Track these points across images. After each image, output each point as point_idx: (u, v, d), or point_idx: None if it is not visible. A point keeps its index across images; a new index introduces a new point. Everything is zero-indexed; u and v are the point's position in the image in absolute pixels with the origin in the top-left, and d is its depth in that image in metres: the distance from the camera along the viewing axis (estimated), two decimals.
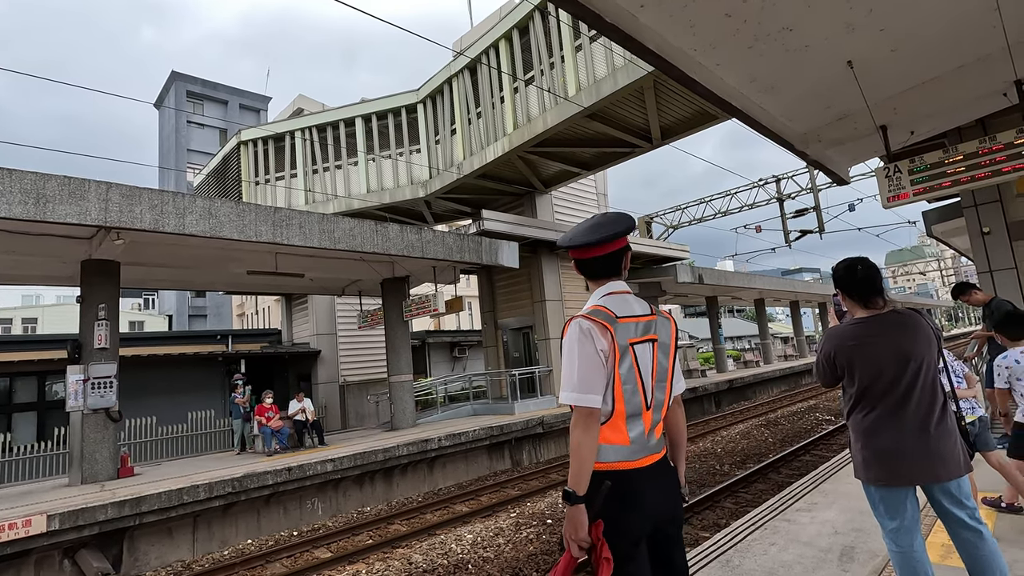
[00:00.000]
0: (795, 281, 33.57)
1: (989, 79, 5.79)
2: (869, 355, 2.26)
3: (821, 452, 10.82)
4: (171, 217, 8.29)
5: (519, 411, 13.82)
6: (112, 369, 9.38)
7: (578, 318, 1.73)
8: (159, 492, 7.53)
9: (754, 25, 4.69)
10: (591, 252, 1.86)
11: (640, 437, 1.72)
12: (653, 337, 1.80)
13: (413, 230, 11.70)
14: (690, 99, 11.89)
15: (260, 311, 31.72)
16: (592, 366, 1.66)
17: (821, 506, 4.10)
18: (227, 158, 18.76)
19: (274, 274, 11.97)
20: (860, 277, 2.36)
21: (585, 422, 1.64)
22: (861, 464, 2.30)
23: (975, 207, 9.19)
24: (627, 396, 1.69)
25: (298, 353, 18.75)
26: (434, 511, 9.17)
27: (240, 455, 11.72)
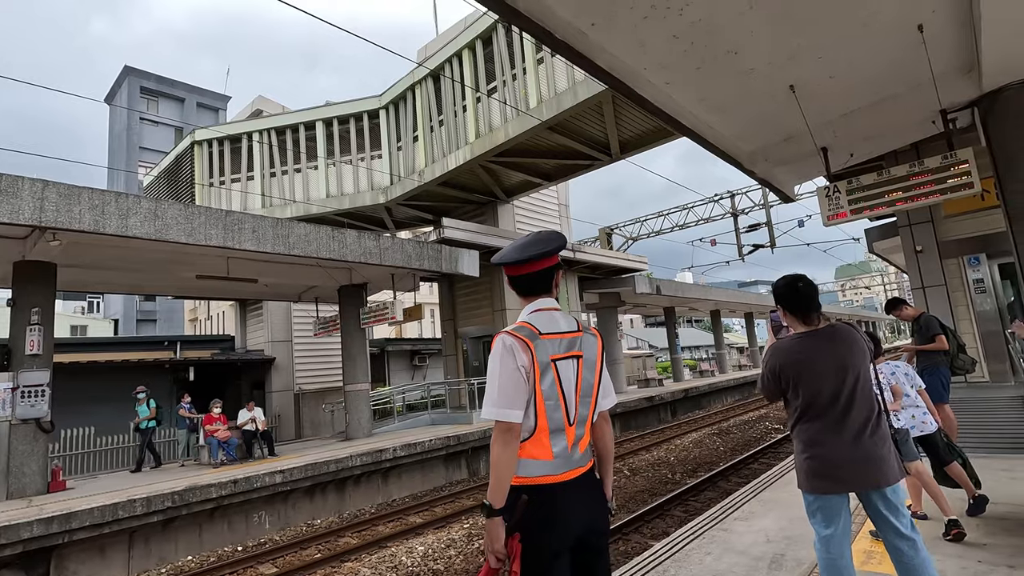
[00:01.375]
0: (749, 293, 34.66)
1: (919, 107, 6.15)
2: (813, 369, 2.35)
3: (768, 460, 11.14)
4: (113, 218, 7.95)
5: (478, 420, 13.75)
6: (44, 377, 8.88)
7: (502, 334, 1.76)
8: (91, 507, 7.15)
9: (701, 47, 4.85)
10: (522, 269, 1.89)
11: (563, 452, 1.74)
12: (578, 353, 1.82)
13: (371, 236, 11.56)
14: (647, 115, 12.17)
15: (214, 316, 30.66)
16: (512, 381, 1.68)
17: (758, 515, 4.23)
18: (180, 158, 18.14)
19: (226, 279, 11.62)
20: (802, 294, 2.45)
21: (504, 437, 1.66)
22: (804, 473, 2.39)
23: (909, 227, 9.72)
24: (549, 412, 1.71)
25: (251, 360, 18.18)
26: (386, 523, 9.01)
27: (184, 467, 11.25)
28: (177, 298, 19.32)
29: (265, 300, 17.82)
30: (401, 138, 15.70)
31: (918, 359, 5.73)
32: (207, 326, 32.05)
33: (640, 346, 48.94)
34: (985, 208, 8.23)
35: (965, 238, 9.08)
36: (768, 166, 7.63)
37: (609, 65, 4.61)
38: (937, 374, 5.53)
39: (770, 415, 18.05)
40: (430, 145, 14.80)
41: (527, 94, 12.02)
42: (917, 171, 6.06)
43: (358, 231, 11.37)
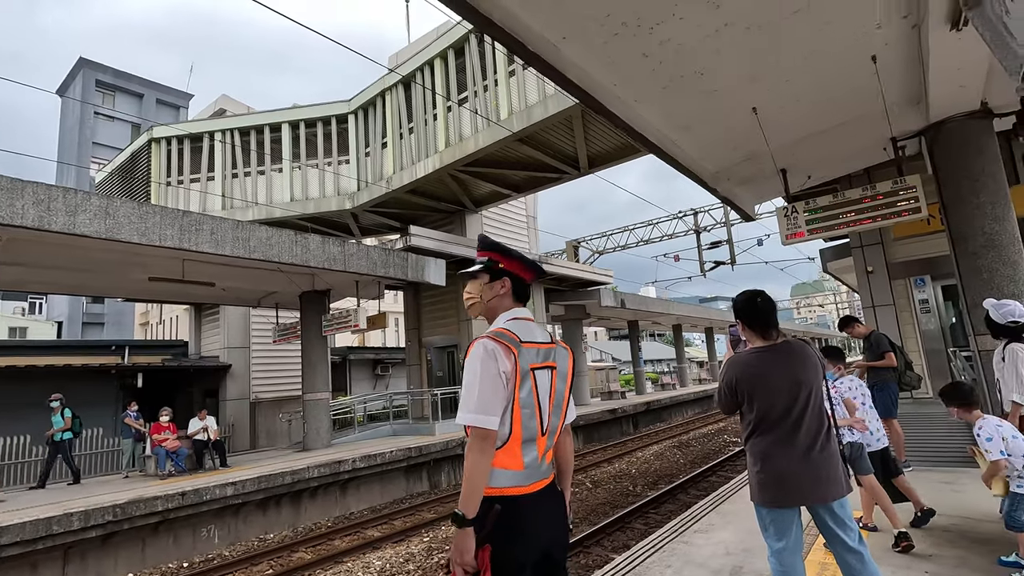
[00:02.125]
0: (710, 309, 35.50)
1: (872, 134, 6.45)
2: (768, 383, 2.39)
3: (726, 473, 11.34)
4: (60, 215, 7.55)
5: (440, 432, 13.58)
6: None
7: (483, 338, 1.73)
8: (22, 522, 6.70)
9: (669, 66, 4.97)
10: (523, 273, 1.96)
11: (533, 462, 1.72)
12: (552, 364, 1.83)
13: (336, 242, 11.34)
14: (616, 131, 12.40)
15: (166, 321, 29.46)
16: (494, 387, 1.65)
17: (718, 527, 4.28)
18: (136, 155, 17.46)
19: (181, 282, 11.17)
20: (760, 309, 2.50)
21: (481, 444, 1.62)
22: (756, 486, 2.42)
23: (861, 248, 10.13)
24: (524, 420, 1.70)
25: (205, 367, 17.51)
26: (343, 537, 8.75)
27: (128, 478, 10.70)
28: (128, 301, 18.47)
29: (222, 305, 17.23)
30: (370, 144, 15.53)
31: (869, 375, 5.94)
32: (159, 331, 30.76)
33: (604, 359, 49.43)
34: (931, 232, 8.65)
35: (912, 260, 9.52)
36: (730, 185, 7.85)
37: (579, 79, 4.67)
38: (887, 390, 5.75)
39: (728, 428, 18.43)
40: (399, 152, 14.68)
41: (498, 105, 12.08)
42: (869, 194, 6.34)
43: (322, 236, 11.13)
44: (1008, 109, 5.70)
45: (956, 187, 5.85)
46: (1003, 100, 5.68)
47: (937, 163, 6.04)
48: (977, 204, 5.65)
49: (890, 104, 5.77)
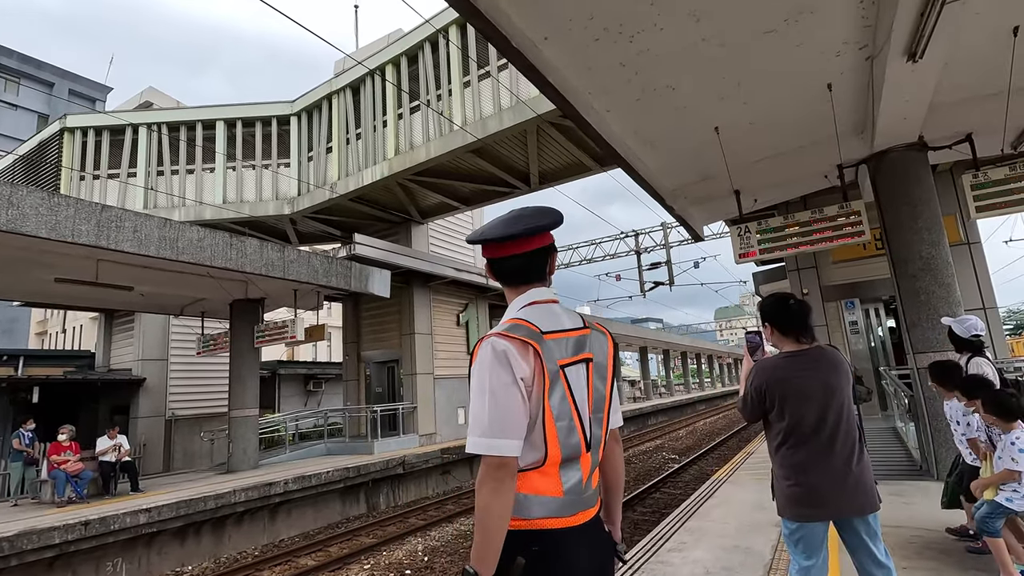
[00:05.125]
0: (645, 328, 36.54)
1: (820, 160, 6.78)
2: (800, 390, 2.27)
3: (669, 490, 11.45)
4: None
5: (379, 450, 12.92)
6: None
7: (491, 336, 1.31)
8: None
9: (643, 78, 4.97)
10: (507, 249, 1.44)
11: (576, 487, 1.34)
12: (588, 356, 1.41)
13: (274, 247, 10.64)
14: (568, 149, 12.51)
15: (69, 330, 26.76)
16: (509, 401, 1.25)
17: (690, 545, 4.17)
18: (44, 145, 15.81)
19: (94, 285, 10.06)
20: (794, 312, 2.38)
21: (495, 477, 1.22)
22: (787, 500, 2.28)
23: (798, 271, 10.66)
24: (562, 436, 1.31)
25: (115, 380, 15.88)
26: (272, 567, 8.01)
27: (18, 506, 9.37)
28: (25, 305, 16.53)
29: (139, 312, 15.76)
30: (313, 148, 14.86)
31: None
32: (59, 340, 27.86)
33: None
34: (864, 257, 9.22)
35: (843, 284, 10.11)
36: (685, 203, 8.02)
37: (558, 83, 4.57)
38: None
39: (666, 445, 18.80)
40: (344, 157, 14.13)
41: (452, 115, 11.89)
42: (818, 217, 6.63)
43: (260, 241, 10.42)
44: (941, 144, 6.14)
45: (896, 213, 6.21)
46: (937, 135, 6.12)
47: (879, 190, 6.40)
48: (915, 230, 6.02)
49: (840, 132, 6.08)
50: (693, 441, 19.95)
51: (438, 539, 8.81)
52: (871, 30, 4.59)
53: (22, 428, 10.29)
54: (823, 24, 4.48)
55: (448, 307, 16.35)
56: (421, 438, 14.33)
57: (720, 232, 18.86)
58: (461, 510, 10.54)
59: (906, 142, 6.15)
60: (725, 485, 6.65)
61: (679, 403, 33.68)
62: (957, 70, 5.27)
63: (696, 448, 17.61)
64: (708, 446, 17.04)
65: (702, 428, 24.57)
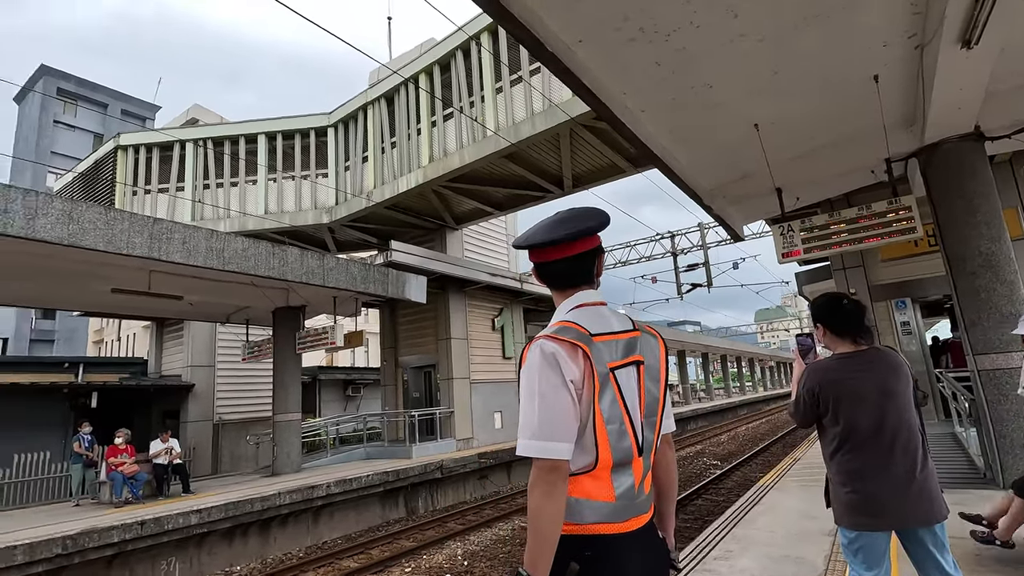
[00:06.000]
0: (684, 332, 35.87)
1: (866, 155, 6.52)
2: (856, 392, 2.19)
3: (712, 496, 11.18)
4: (18, 217, 6.98)
5: (417, 455, 13.06)
6: None
7: (540, 339, 1.31)
8: None
9: (679, 77, 4.90)
10: (553, 253, 1.44)
11: (629, 492, 1.33)
12: (638, 358, 1.40)
13: (314, 256, 10.92)
14: (601, 151, 12.42)
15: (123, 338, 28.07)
16: (559, 403, 1.25)
17: (736, 553, 4.05)
18: (100, 163, 16.68)
19: (146, 295, 10.53)
20: (848, 312, 2.30)
21: (548, 480, 1.22)
22: (845, 508, 2.19)
23: (844, 271, 10.27)
24: (613, 440, 1.30)
25: (166, 386, 16.56)
26: (317, 568, 8.17)
27: (79, 506, 9.86)
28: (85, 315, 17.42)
29: (188, 320, 16.41)
30: (350, 158, 15.20)
31: None
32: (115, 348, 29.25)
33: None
34: (916, 254, 8.82)
35: (893, 283, 9.69)
36: (724, 203, 7.85)
37: (593, 85, 4.54)
38: None
39: (706, 451, 18.38)
40: (380, 166, 14.40)
41: (484, 121, 11.97)
42: (866, 214, 6.37)
43: (301, 249, 10.71)
44: (999, 133, 5.83)
45: (951, 208, 5.92)
46: (995, 123, 5.81)
47: (932, 184, 6.11)
48: (973, 224, 5.72)
49: (888, 125, 5.84)
50: (735, 447, 19.43)
51: (477, 544, 8.82)
52: (920, 17, 4.40)
53: (80, 431, 10.82)
54: (868, 13, 4.31)
55: (483, 312, 16.43)
56: (458, 442, 14.41)
57: (760, 232, 18.37)
58: (499, 515, 10.53)
59: (960, 133, 5.86)
60: (771, 492, 6.44)
61: (719, 407, 32.89)
62: (1015, 56, 4.99)
63: (738, 454, 17.14)
64: (751, 452, 16.56)
65: (744, 433, 23.91)
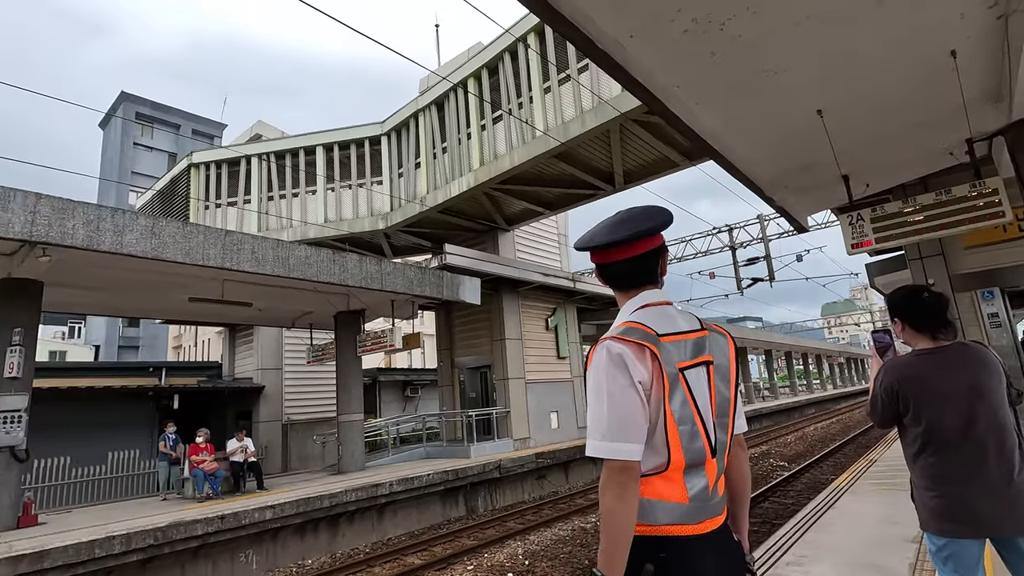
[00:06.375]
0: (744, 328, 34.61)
1: (945, 135, 6.09)
2: (939, 390, 2.06)
3: (779, 499, 10.75)
4: (108, 234, 7.60)
5: (475, 454, 13.24)
6: (23, 402, 8.35)
7: (606, 340, 1.32)
8: (65, 545, 6.58)
9: (735, 66, 4.73)
10: (615, 254, 1.44)
11: (702, 493, 1.31)
12: (708, 359, 1.38)
13: (372, 261, 11.27)
14: (653, 146, 12.19)
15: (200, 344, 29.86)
16: (628, 404, 1.25)
17: (811, 559, 3.88)
18: (176, 180, 17.87)
19: (220, 302, 11.20)
20: (929, 304, 2.17)
21: (619, 481, 1.22)
22: (932, 513, 2.07)
23: (920, 260, 9.60)
24: (685, 441, 1.29)
25: (239, 388, 17.54)
26: (383, 564, 8.44)
27: (166, 501, 10.59)
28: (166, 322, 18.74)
29: (257, 326, 17.32)
30: (403, 164, 15.60)
31: None
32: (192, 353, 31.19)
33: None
34: (1003, 240, 8.15)
35: (978, 271, 8.97)
36: (786, 193, 7.52)
37: (645, 80, 4.46)
38: None
39: (772, 452, 17.66)
40: (432, 171, 14.70)
41: (533, 122, 11.99)
42: (945, 199, 5.96)
43: (359, 255, 11.10)
44: None
45: None
46: None
47: (1021, 164, 5.64)
48: None
49: (968, 102, 5.43)
50: (803, 447, 18.57)
51: (537, 543, 8.85)
52: None
53: (166, 431, 11.62)
54: None
55: (537, 312, 16.46)
56: (515, 442, 14.49)
57: (826, 221, 17.50)
58: (558, 515, 10.52)
59: None
60: (845, 496, 6.13)
61: (785, 407, 31.53)
62: None
63: (807, 455, 16.38)
64: (821, 453, 15.78)
65: (812, 433, 22.81)
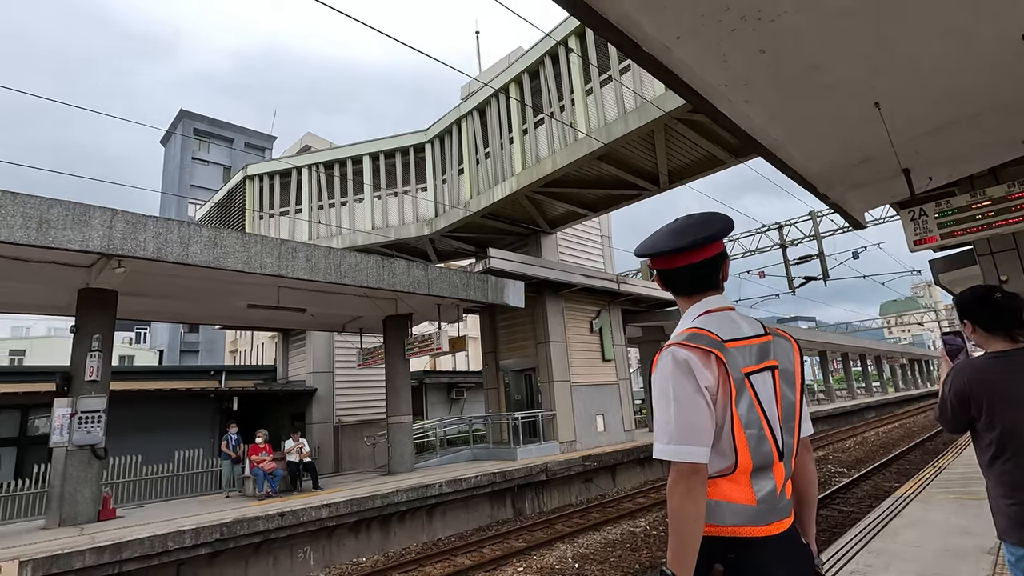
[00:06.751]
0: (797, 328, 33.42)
1: (1016, 124, 5.76)
2: (1014, 394, 1.99)
3: (839, 507, 10.34)
4: (175, 246, 8.08)
5: (521, 457, 13.30)
6: (101, 403, 8.96)
7: (671, 346, 1.34)
8: (142, 538, 7.02)
9: (787, 61, 4.63)
10: (677, 261, 1.47)
11: (770, 496, 1.33)
12: (773, 363, 1.40)
13: (419, 266, 11.52)
14: (699, 144, 11.97)
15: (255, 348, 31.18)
16: (695, 409, 1.28)
17: (877, 569, 3.74)
18: (232, 192, 18.76)
19: (275, 308, 11.70)
20: (1001, 304, 2.09)
21: (687, 483, 1.25)
22: (1011, 522, 1.99)
23: (991, 255, 9.09)
24: (752, 444, 1.31)
25: (293, 391, 18.21)
26: (434, 563, 8.60)
27: (229, 498, 11.12)
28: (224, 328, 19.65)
29: (309, 330, 17.95)
30: (446, 171, 15.87)
31: None
32: (247, 357, 32.59)
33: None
34: None
35: None
36: (842, 189, 7.26)
37: (692, 80, 4.43)
38: None
39: (830, 457, 16.97)
40: (475, 177, 14.89)
41: (575, 123, 11.99)
42: (1018, 191, 5.65)
43: (407, 261, 11.36)
44: None
45: None
46: None
47: None
48: None
49: None
50: (863, 453, 17.76)
51: (586, 547, 8.82)
52: None
53: (228, 432, 12.20)
54: None
55: (581, 314, 16.40)
56: (561, 445, 14.48)
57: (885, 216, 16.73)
58: (607, 519, 10.45)
59: None
60: (913, 504, 5.85)
61: (842, 410, 30.23)
62: None
63: (868, 461, 15.66)
64: (883, 459, 15.06)
65: (873, 438, 21.78)
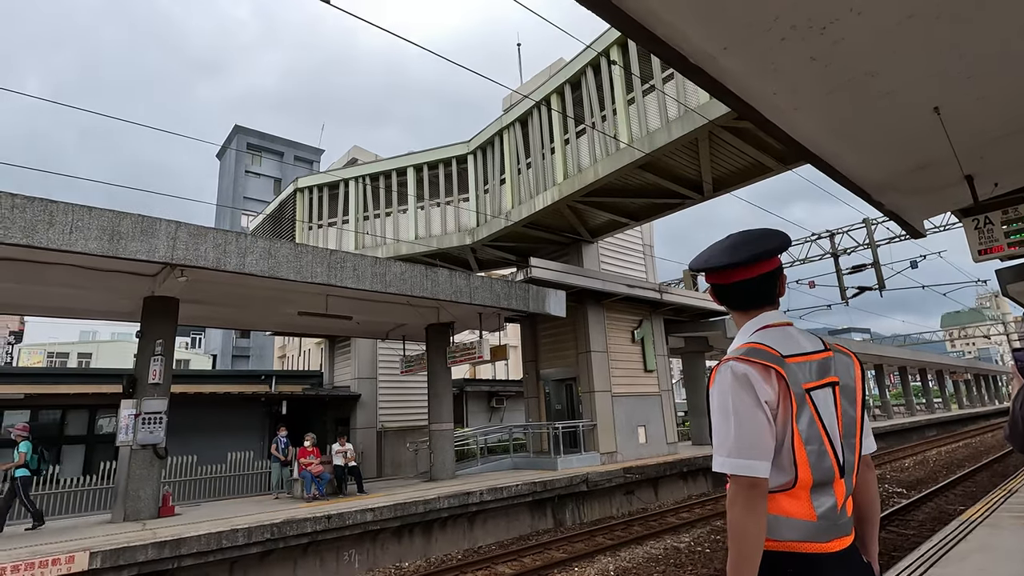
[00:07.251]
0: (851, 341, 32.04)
1: None
2: None
3: (898, 529, 9.84)
4: (233, 256, 8.49)
5: (562, 467, 13.24)
6: (163, 405, 9.45)
7: (730, 361, 1.36)
8: (199, 535, 7.35)
9: (837, 70, 4.53)
10: (732, 276, 1.49)
11: (831, 512, 1.33)
12: (833, 380, 1.40)
13: (462, 275, 11.69)
14: (744, 152, 11.74)
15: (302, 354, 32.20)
16: (754, 423, 1.29)
17: None
18: (283, 204, 19.53)
19: (324, 316, 12.09)
20: None
21: (747, 496, 1.26)
22: None
23: None
24: (813, 460, 1.31)
25: (338, 396, 18.70)
26: (475, 570, 8.65)
27: (278, 500, 11.50)
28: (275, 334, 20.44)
29: (354, 337, 18.42)
30: (488, 181, 16.07)
31: None
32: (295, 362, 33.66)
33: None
34: None
35: None
36: (898, 197, 7.00)
37: (740, 90, 4.39)
38: None
39: (887, 477, 16.16)
40: (517, 187, 15.02)
41: (617, 133, 11.97)
42: None
43: (449, 270, 11.56)
44: None
45: None
46: None
47: None
48: None
49: None
50: (923, 473, 16.83)
51: (628, 560, 8.70)
52: None
53: (279, 434, 12.64)
54: None
55: (622, 324, 16.25)
56: (602, 456, 14.33)
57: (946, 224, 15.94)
58: (649, 533, 10.27)
59: None
60: (979, 528, 5.54)
61: (900, 427, 28.76)
62: None
63: (929, 482, 14.83)
64: (946, 480, 14.23)
65: (935, 458, 20.61)
